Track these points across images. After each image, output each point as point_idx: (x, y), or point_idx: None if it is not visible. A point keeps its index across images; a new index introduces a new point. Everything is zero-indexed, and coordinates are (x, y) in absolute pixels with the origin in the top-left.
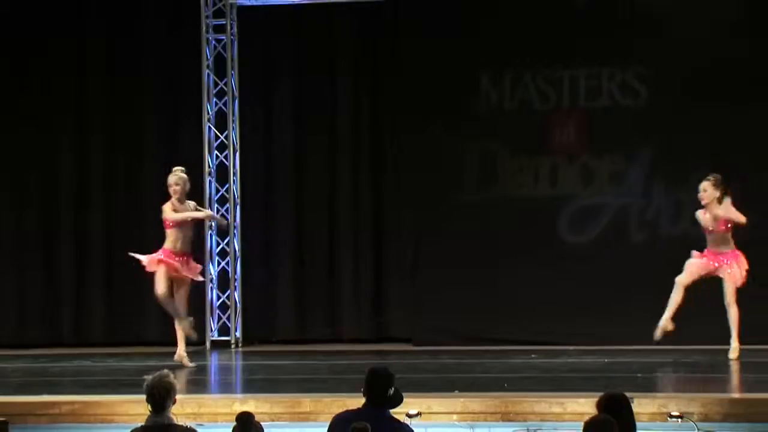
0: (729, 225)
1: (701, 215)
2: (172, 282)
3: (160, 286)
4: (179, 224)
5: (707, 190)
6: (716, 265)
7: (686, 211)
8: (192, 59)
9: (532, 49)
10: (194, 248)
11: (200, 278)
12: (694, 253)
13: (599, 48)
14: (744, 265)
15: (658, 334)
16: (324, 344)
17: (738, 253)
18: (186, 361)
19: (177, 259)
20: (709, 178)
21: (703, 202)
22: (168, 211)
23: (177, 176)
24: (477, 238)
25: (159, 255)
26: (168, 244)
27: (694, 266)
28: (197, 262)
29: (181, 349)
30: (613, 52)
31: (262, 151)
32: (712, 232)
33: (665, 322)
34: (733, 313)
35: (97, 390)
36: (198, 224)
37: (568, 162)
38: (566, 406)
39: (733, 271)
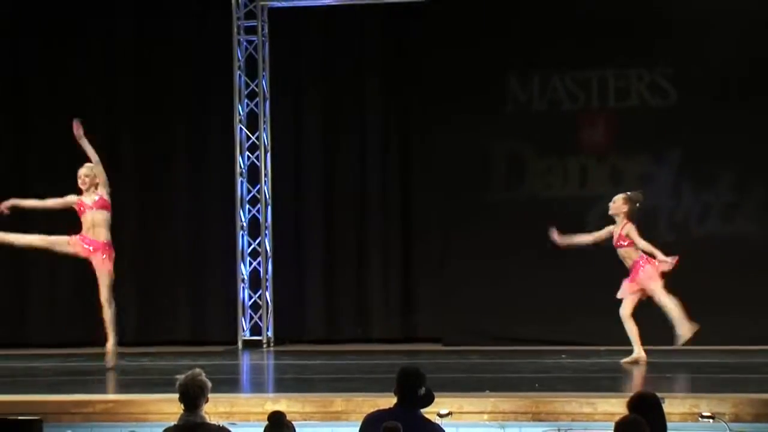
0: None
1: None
2: None
3: None
4: None
5: (616, 202)
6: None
7: (714, 211)
8: (222, 60)
9: (560, 51)
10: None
11: None
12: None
13: (628, 49)
14: (658, 265)
15: (637, 364)
16: (354, 344)
17: (644, 256)
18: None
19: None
20: (627, 193)
21: (610, 212)
22: None
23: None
24: (506, 238)
25: None
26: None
27: (626, 293)
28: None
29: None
30: (642, 52)
31: (292, 152)
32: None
33: (638, 353)
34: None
35: (130, 389)
36: (230, 224)
37: (597, 162)
38: (597, 406)
39: (643, 275)
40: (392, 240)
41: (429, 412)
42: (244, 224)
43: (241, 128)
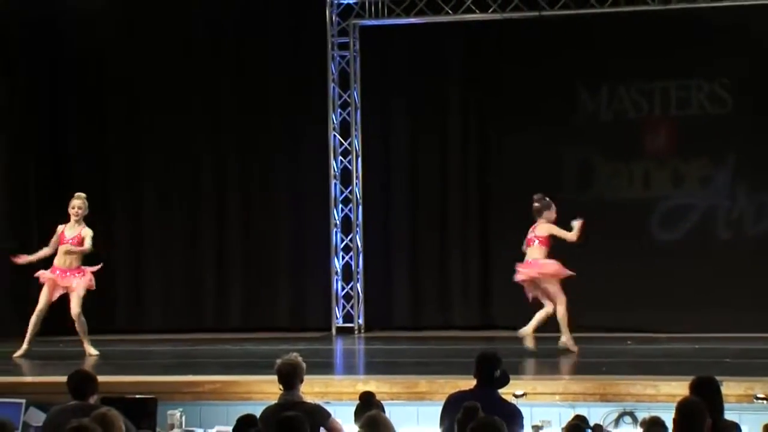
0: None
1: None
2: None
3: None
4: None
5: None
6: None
7: None
8: (318, 74)
9: (626, 64)
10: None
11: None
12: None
13: (688, 61)
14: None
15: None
16: (437, 330)
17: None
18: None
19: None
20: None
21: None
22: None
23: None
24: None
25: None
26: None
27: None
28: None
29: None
30: (702, 65)
31: (381, 156)
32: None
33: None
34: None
35: (235, 371)
36: (325, 222)
37: (659, 166)
38: (659, 389)
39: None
40: (471, 236)
41: (505, 393)
42: (338, 222)
43: (334, 135)
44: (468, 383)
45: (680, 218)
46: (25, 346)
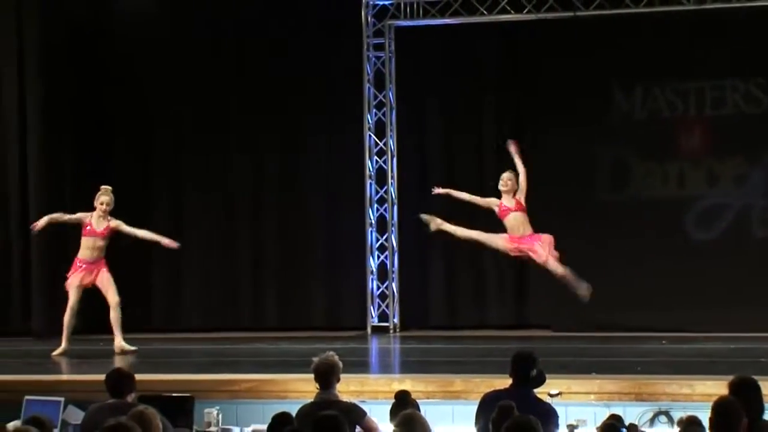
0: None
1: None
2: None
3: None
4: None
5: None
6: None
7: None
8: (353, 74)
9: (660, 64)
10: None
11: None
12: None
13: (723, 61)
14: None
15: None
16: (472, 330)
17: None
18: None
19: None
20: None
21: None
22: None
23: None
24: (610, 234)
25: None
26: None
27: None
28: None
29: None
30: (737, 65)
31: (416, 156)
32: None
33: None
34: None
35: (271, 369)
36: (360, 221)
37: (694, 166)
38: (695, 388)
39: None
40: None
41: (540, 392)
42: (373, 222)
43: (370, 135)
44: (503, 382)
45: (715, 217)
46: (63, 344)
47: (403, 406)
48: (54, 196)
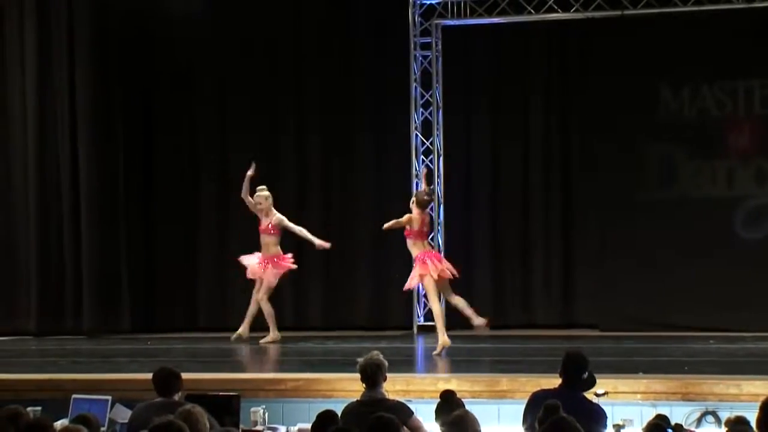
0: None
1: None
2: None
3: None
4: None
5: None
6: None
7: None
8: (400, 73)
9: (709, 63)
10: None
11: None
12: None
13: None
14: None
15: None
16: (518, 329)
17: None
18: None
19: None
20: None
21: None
22: None
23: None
24: (657, 233)
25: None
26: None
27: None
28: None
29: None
30: None
31: (463, 156)
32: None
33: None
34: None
35: (318, 368)
36: None
37: (743, 165)
38: (742, 388)
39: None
40: (554, 235)
41: (587, 392)
42: None
43: (417, 134)
44: (549, 382)
45: (764, 217)
46: (242, 328)
47: (449, 406)
48: (105, 195)
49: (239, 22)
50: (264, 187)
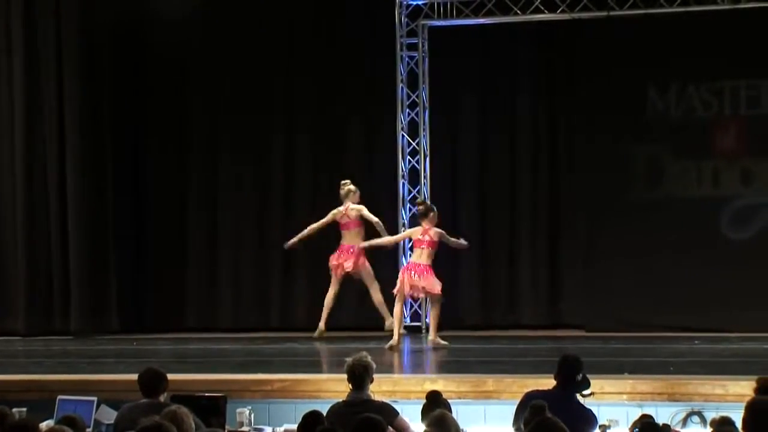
0: None
1: None
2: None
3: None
4: None
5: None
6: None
7: None
8: (386, 73)
9: (695, 63)
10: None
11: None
12: None
13: (759, 61)
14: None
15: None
16: (505, 330)
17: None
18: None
19: None
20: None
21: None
22: None
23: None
24: (644, 233)
25: None
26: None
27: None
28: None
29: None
30: None
31: (449, 156)
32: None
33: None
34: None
35: (304, 369)
36: (393, 221)
37: (728, 165)
38: (728, 388)
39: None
40: (540, 235)
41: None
42: (405, 222)
43: (403, 135)
44: (536, 382)
45: (750, 217)
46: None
47: (435, 406)
48: (93, 197)
49: (228, 25)
50: (348, 180)
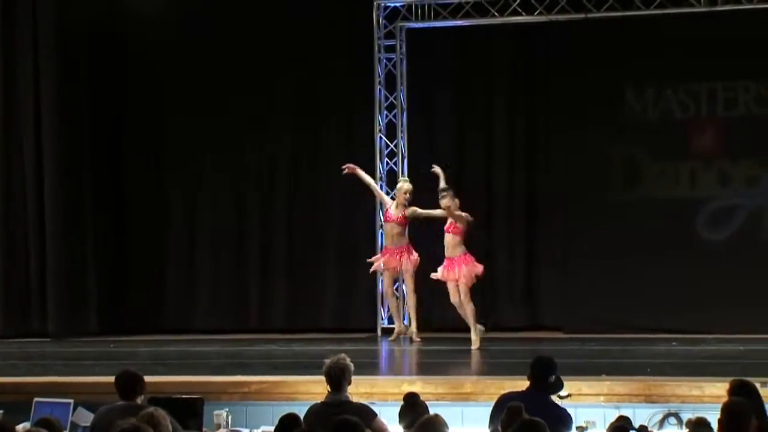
0: None
1: None
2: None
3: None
4: None
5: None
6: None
7: None
8: (364, 75)
9: (672, 65)
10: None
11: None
12: None
13: (735, 63)
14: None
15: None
16: (482, 332)
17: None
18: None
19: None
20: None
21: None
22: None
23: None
24: (622, 234)
25: None
26: None
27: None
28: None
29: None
30: (749, 67)
31: (427, 158)
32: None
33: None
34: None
35: (282, 371)
36: (371, 222)
37: (705, 166)
38: (705, 390)
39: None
40: (518, 236)
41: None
42: (383, 223)
43: (381, 137)
44: (513, 384)
45: (727, 219)
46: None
47: (413, 408)
48: (70, 196)
49: (206, 25)
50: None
